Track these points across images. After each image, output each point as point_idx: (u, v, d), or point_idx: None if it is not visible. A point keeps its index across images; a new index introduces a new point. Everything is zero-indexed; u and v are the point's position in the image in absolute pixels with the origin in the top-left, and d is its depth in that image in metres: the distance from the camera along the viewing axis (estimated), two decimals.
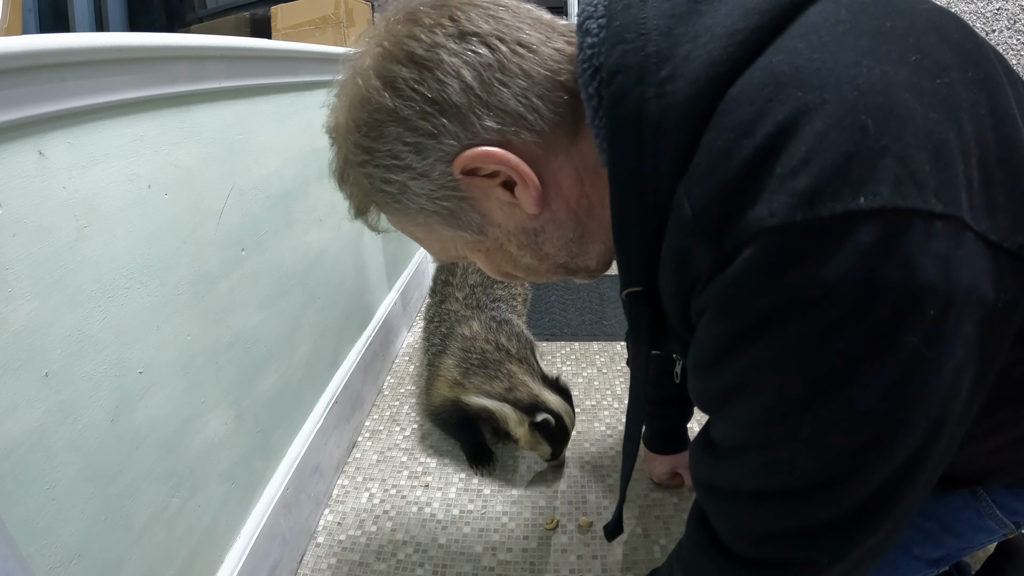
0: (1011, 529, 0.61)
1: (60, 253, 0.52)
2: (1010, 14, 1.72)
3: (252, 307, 0.87)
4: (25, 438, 0.49)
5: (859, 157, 0.29)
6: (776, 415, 0.34)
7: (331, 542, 1.03)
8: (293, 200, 1.02)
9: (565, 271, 0.52)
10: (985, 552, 0.90)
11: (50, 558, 0.51)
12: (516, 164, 0.42)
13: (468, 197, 0.45)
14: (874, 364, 0.31)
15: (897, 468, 0.34)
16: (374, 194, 0.47)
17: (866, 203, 0.28)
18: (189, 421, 0.72)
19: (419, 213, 0.46)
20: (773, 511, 0.38)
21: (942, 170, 0.30)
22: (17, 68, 0.46)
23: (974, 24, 1.79)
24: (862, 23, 0.33)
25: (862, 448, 0.34)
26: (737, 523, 0.41)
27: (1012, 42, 1.73)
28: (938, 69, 0.32)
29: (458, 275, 1.36)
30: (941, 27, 0.35)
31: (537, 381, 1.06)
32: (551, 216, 0.46)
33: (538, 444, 1.05)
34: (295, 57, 1.03)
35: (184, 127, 0.71)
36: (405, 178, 0.43)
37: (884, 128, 0.29)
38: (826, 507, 0.36)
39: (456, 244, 0.50)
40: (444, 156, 0.42)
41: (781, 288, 0.31)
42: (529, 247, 0.48)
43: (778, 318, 0.32)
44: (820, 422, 0.33)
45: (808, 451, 0.35)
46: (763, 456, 0.37)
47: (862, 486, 0.35)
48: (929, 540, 0.62)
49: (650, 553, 0.98)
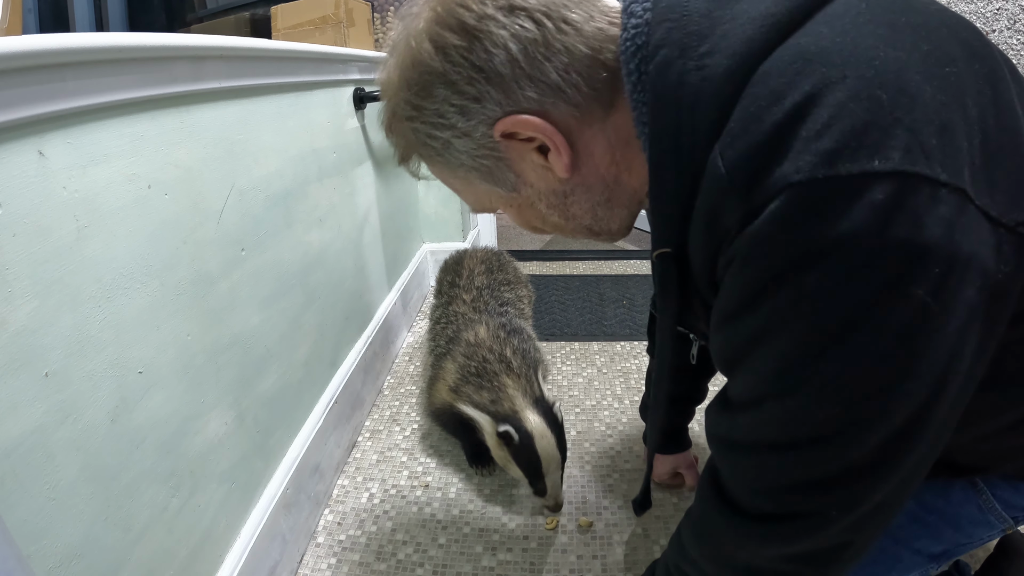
0: (1009, 524, 0.62)
1: (60, 253, 0.52)
2: (1010, 14, 1.72)
3: (252, 307, 0.87)
4: (25, 438, 0.49)
5: (874, 125, 0.32)
6: (793, 362, 0.37)
7: (331, 542, 1.03)
8: (293, 200, 1.02)
9: (589, 232, 0.56)
10: (985, 552, 0.90)
11: (50, 558, 0.51)
12: (551, 132, 0.46)
13: (505, 158, 0.49)
14: (884, 311, 0.34)
15: (903, 421, 0.37)
16: (419, 147, 0.51)
17: (880, 166, 0.32)
18: (189, 421, 0.72)
19: (459, 168, 0.51)
20: (785, 462, 0.40)
21: (947, 145, 0.33)
22: (17, 68, 0.46)
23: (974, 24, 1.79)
24: (880, 15, 0.37)
25: (872, 395, 0.36)
26: (750, 477, 0.44)
27: (1012, 42, 1.73)
28: (947, 59, 0.36)
29: (464, 277, 1.35)
30: (951, 25, 0.38)
31: (526, 399, 1.01)
32: (581, 181, 0.50)
33: (508, 463, 1.00)
34: (295, 57, 1.03)
35: (184, 127, 0.71)
36: (449, 136, 0.48)
37: (897, 103, 0.33)
38: (836, 458, 0.38)
39: (491, 198, 0.54)
40: (486, 120, 0.46)
41: (801, 238, 0.34)
42: (558, 207, 0.53)
43: (797, 267, 0.34)
44: (834, 368, 0.36)
45: (822, 398, 0.37)
46: (780, 405, 0.39)
47: (871, 435, 0.37)
48: (930, 534, 0.64)
49: (650, 553, 0.98)
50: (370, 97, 1.37)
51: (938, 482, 0.63)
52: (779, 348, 0.37)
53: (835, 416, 0.37)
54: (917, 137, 0.32)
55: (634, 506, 0.81)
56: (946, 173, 0.33)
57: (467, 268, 1.37)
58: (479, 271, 1.37)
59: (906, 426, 0.37)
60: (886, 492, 0.40)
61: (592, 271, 2.23)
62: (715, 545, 0.50)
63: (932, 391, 0.36)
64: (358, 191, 1.38)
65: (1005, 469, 0.58)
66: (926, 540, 0.64)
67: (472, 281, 1.33)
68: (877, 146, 0.32)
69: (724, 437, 0.45)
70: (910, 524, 0.64)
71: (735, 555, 0.48)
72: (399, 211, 1.79)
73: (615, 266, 2.28)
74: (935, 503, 0.63)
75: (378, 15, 1.80)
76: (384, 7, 1.80)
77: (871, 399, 0.36)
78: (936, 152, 0.33)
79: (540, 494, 1.00)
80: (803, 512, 0.42)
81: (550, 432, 0.98)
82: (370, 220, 1.48)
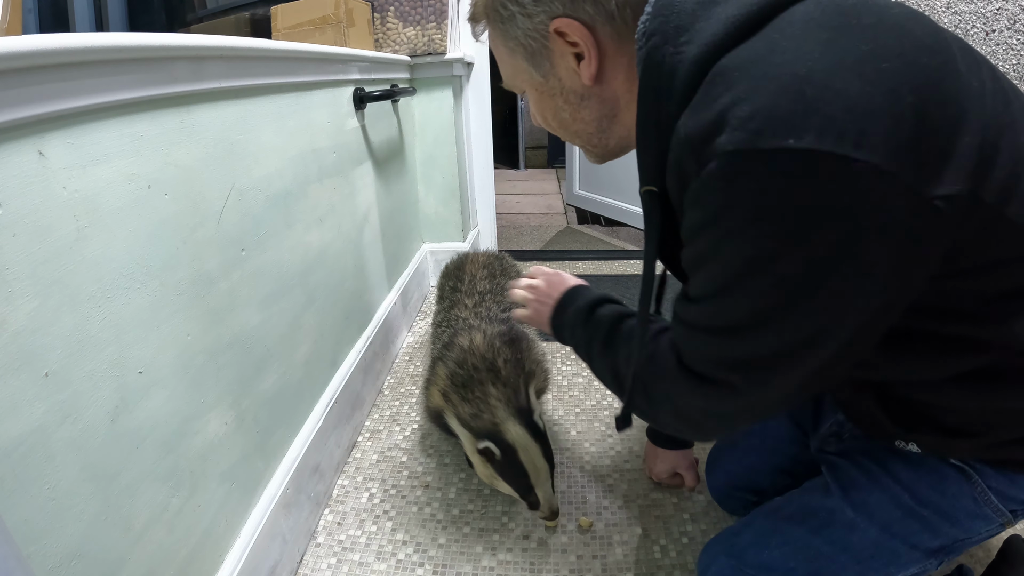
0: (1008, 518, 0.63)
1: (60, 253, 0.52)
2: (1010, 14, 1.72)
3: (252, 307, 0.87)
4: (25, 438, 0.49)
5: (796, 113, 0.41)
6: (725, 276, 0.49)
7: (331, 542, 1.03)
8: (293, 200, 1.02)
9: (587, 140, 0.67)
10: (987, 555, 0.90)
11: (50, 558, 0.51)
12: (591, 44, 0.56)
13: (549, 48, 0.59)
14: (790, 249, 0.44)
15: (799, 334, 0.48)
16: (490, 10, 0.62)
17: (794, 143, 0.40)
18: (189, 421, 0.72)
19: (511, 39, 0.62)
20: (715, 342, 0.53)
21: (864, 129, 0.40)
22: (17, 68, 0.46)
23: (974, 24, 1.79)
24: (830, 20, 0.44)
25: (774, 308, 0.48)
26: (691, 347, 0.57)
27: (1012, 42, 1.73)
28: (888, 55, 0.42)
29: (466, 282, 1.33)
30: (903, 25, 0.45)
31: (508, 410, 0.97)
32: (598, 92, 0.61)
33: (494, 479, 0.98)
34: (295, 57, 1.03)
35: (184, 127, 0.71)
36: (516, 10, 0.59)
37: (820, 96, 0.41)
38: (749, 346, 0.50)
39: (522, 76, 0.64)
40: (548, 12, 0.57)
41: (730, 190, 0.45)
42: (572, 105, 0.63)
43: (727, 210, 0.45)
44: (752, 283, 0.47)
45: (742, 303, 0.49)
46: (714, 303, 0.51)
47: (776, 335, 0.49)
48: (926, 528, 0.65)
49: (650, 553, 0.98)
50: (370, 97, 1.37)
51: (932, 474, 0.65)
52: (715, 267, 0.50)
53: (749, 316, 0.49)
54: (833, 123, 0.40)
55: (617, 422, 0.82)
56: (859, 151, 0.40)
57: (469, 273, 1.35)
58: (481, 276, 1.35)
59: (801, 340, 0.48)
60: (779, 388, 0.52)
61: (592, 271, 2.24)
62: (657, 375, 0.62)
63: (824, 319, 0.47)
64: (358, 191, 1.38)
65: (999, 437, 0.59)
66: (922, 535, 0.65)
67: (474, 286, 1.31)
68: (795, 128, 0.40)
69: (680, 318, 0.57)
70: (905, 519, 0.65)
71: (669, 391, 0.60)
72: (399, 211, 1.79)
73: (615, 266, 2.29)
74: (930, 497, 0.64)
75: (378, 15, 1.80)
76: (384, 7, 1.80)
77: (775, 311, 0.48)
78: (850, 134, 0.40)
79: (534, 507, 0.98)
80: (719, 380, 0.54)
81: (534, 442, 0.95)
82: (370, 220, 1.48)
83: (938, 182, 0.42)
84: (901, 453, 0.67)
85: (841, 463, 0.73)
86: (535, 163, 4.68)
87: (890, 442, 0.67)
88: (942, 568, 0.69)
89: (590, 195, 3.04)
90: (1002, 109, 0.47)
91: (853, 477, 0.70)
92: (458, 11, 1.90)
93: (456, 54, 1.88)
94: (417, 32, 1.83)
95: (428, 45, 1.83)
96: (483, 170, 2.24)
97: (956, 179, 0.43)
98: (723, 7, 0.48)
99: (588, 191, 3.06)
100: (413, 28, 1.82)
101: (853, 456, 0.73)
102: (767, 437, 0.95)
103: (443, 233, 2.11)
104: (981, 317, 0.52)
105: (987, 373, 0.55)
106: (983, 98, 0.45)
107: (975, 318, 0.52)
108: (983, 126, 0.44)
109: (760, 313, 0.48)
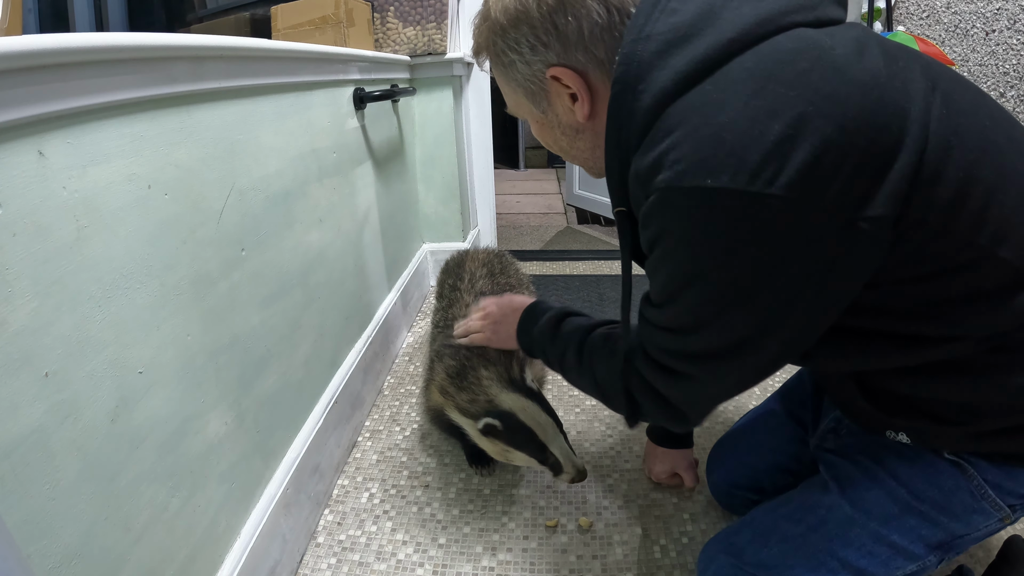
0: (1006, 512, 0.63)
1: (60, 253, 0.52)
2: (1010, 14, 1.72)
3: (252, 307, 0.87)
4: (25, 438, 0.49)
5: (715, 157, 0.48)
6: (672, 286, 0.58)
7: (331, 542, 1.04)
8: (293, 200, 1.02)
9: (583, 163, 0.74)
10: (988, 556, 0.90)
11: (50, 558, 0.51)
12: (583, 89, 0.63)
13: (546, 90, 0.66)
14: (715, 268, 0.53)
15: (735, 335, 0.56)
16: (491, 54, 0.68)
17: (711, 183, 0.48)
18: (189, 421, 0.72)
19: (512, 80, 0.68)
20: (670, 338, 0.62)
21: (780, 168, 0.47)
22: (17, 68, 0.46)
23: (974, 24, 1.79)
24: (764, 70, 0.49)
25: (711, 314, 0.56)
26: (652, 341, 0.65)
27: (1012, 42, 1.73)
28: (815, 98, 0.47)
29: (466, 280, 1.33)
30: (840, 67, 0.49)
31: (500, 385, 0.99)
32: (591, 127, 0.67)
33: (508, 453, 0.99)
34: (295, 57, 1.03)
35: (184, 127, 0.71)
36: (515, 58, 0.65)
37: (738, 142, 0.48)
38: (698, 342, 0.59)
39: (524, 108, 0.71)
40: (544, 61, 0.63)
41: (663, 219, 0.54)
42: (569, 137, 0.70)
43: (666, 232, 0.54)
44: (693, 292, 0.56)
45: (685, 308, 0.58)
46: (666, 307, 0.60)
47: (718, 335, 0.57)
48: (925, 522, 0.65)
49: (650, 553, 0.98)
50: (370, 97, 1.37)
51: (928, 469, 0.66)
52: (663, 277, 0.59)
53: (695, 317, 0.57)
54: (745, 164, 0.47)
55: (627, 420, 0.84)
56: (772, 188, 0.47)
57: (468, 271, 1.35)
58: (480, 274, 1.35)
59: (743, 339, 0.56)
60: (730, 379, 0.62)
61: (592, 271, 2.24)
62: (631, 372, 0.69)
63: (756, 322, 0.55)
64: (358, 191, 1.38)
65: (985, 426, 0.60)
66: (921, 529, 0.65)
67: (474, 284, 1.31)
68: (712, 170, 0.48)
69: (643, 317, 0.66)
70: (903, 514, 0.65)
71: (645, 384, 0.68)
72: (399, 211, 1.79)
73: (615, 266, 2.29)
74: (926, 492, 0.65)
75: (378, 15, 1.80)
76: (384, 7, 1.79)
77: (719, 315, 0.56)
78: (765, 174, 0.47)
79: (556, 469, 0.96)
80: (678, 370, 0.63)
81: (530, 402, 0.98)
82: (370, 220, 1.48)
83: (865, 205, 0.48)
84: (896, 448, 0.68)
85: (838, 460, 0.74)
86: (535, 163, 4.69)
87: (881, 433, 0.68)
88: (942, 568, 0.69)
89: (590, 195, 3.05)
90: (976, 132, 0.53)
91: (850, 474, 0.71)
92: (458, 11, 1.90)
93: (456, 54, 1.88)
94: (417, 32, 1.83)
95: (428, 45, 1.83)
96: (483, 170, 2.24)
97: (885, 202, 0.48)
98: (676, 58, 0.54)
99: (588, 191, 3.06)
100: (413, 28, 1.83)
101: (850, 453, 0.73)
102: (769, 436, 0.95)
103: (443, 233, 2.11)
104: (935, 316, 0.56)
105: (953, 365, 0.59)
106: (934, 123, 0.50)
107: (927, 318, 0.57)
108: (923, 150, 0.49)
109: (700, 317, 0.57)
